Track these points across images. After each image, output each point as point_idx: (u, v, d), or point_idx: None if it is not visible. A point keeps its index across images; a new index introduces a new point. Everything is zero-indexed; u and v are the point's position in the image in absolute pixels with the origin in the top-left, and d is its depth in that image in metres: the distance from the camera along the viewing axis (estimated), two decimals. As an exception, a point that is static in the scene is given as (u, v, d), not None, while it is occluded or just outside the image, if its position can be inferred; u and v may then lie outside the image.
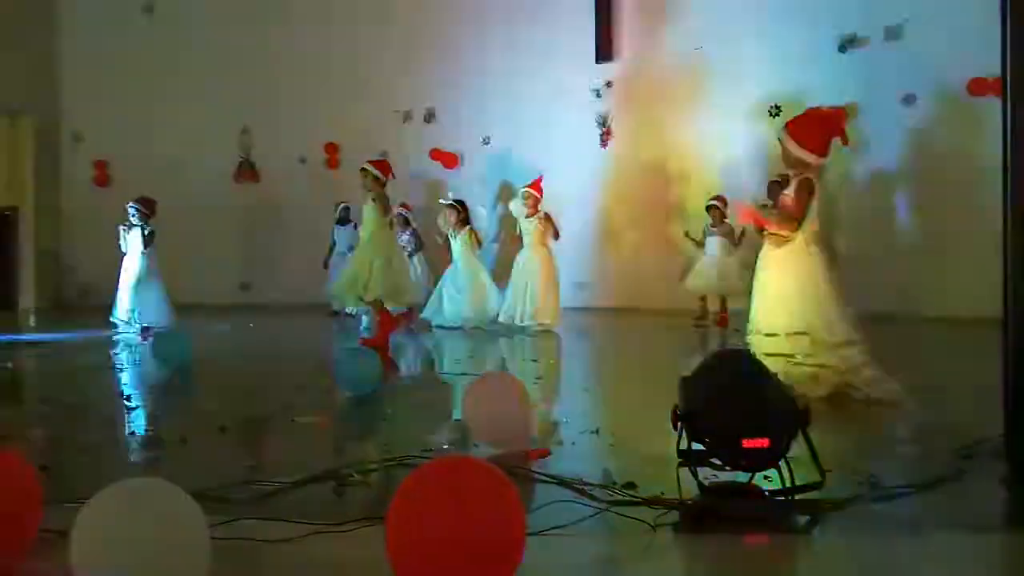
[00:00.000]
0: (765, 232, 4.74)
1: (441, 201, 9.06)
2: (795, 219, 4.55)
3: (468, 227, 8.70)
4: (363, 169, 7.04)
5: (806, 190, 4.55)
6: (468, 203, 8.99)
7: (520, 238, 8.49)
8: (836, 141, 4.71)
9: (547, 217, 8.33)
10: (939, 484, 3.05)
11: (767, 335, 4.58)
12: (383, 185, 6.94)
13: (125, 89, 11.64)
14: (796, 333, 4.48)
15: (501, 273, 9.39)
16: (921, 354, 6.84)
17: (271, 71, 11.39)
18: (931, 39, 9.01)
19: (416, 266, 9.36)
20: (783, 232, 4.58)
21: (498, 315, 8.43)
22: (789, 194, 4.63)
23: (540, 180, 8.53)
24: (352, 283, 6.88)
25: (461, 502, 1.86)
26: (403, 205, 9.45)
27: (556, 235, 8.38)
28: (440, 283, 8.81)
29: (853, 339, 4.52)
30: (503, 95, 10.72)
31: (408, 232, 9.58)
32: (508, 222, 10.35)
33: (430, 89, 11.15)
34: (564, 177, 10.20)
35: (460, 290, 8.48)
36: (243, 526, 2.55)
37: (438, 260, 9.35)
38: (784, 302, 4.55)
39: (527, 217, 8.37)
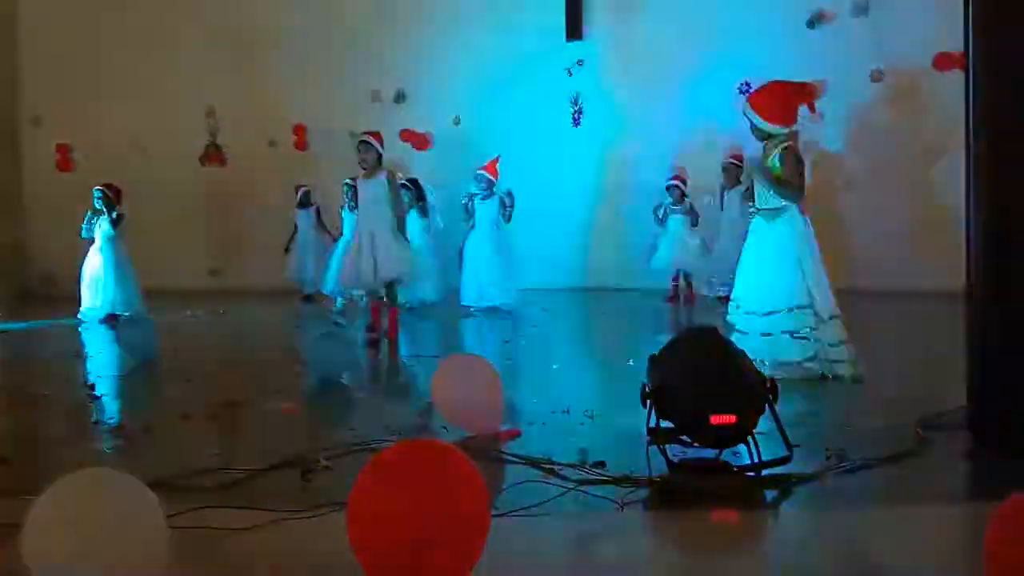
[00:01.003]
0: (754, 207, 4.64)
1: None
2: (799, 189, 4.47)
3: (420, 203, 8.59)
4: (365, 142, 6.32)
5: (793, 157, 4.45)
6: (421, 182, 8.88)
7: (472, 219, 8.36)
8: (802, 109, 4.62)
9: (501, 200, 8.28)
10: (904, 457, 3.09)
11: (765, 314, 4.44)
12: (382, 161, 6.35)
13: (85, 71, 11.34)
14: (798, 307, 4.39)
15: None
16: (888, 328, 6.92)
17: (236, 51, 11.16)
18: (898, 14, 9.04)
19: None
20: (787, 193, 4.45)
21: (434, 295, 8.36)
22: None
23: (496, 161, 8.49)
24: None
25: (422, 485, 1.84)
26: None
27: (508, 218, 8.32)
28: None
29: (838, 313, 4.48)
30: (473, 74, 10.60)
31: None
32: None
33: (400, 69, 11.00)
34: (536, 156, 10.12)
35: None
36: (207, 514, 2.51)
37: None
38: (782, 276, 4.44)
39: (482, 200, 8.32)
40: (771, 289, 4.47)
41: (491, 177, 8.32)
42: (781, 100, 4.57)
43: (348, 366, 5.09)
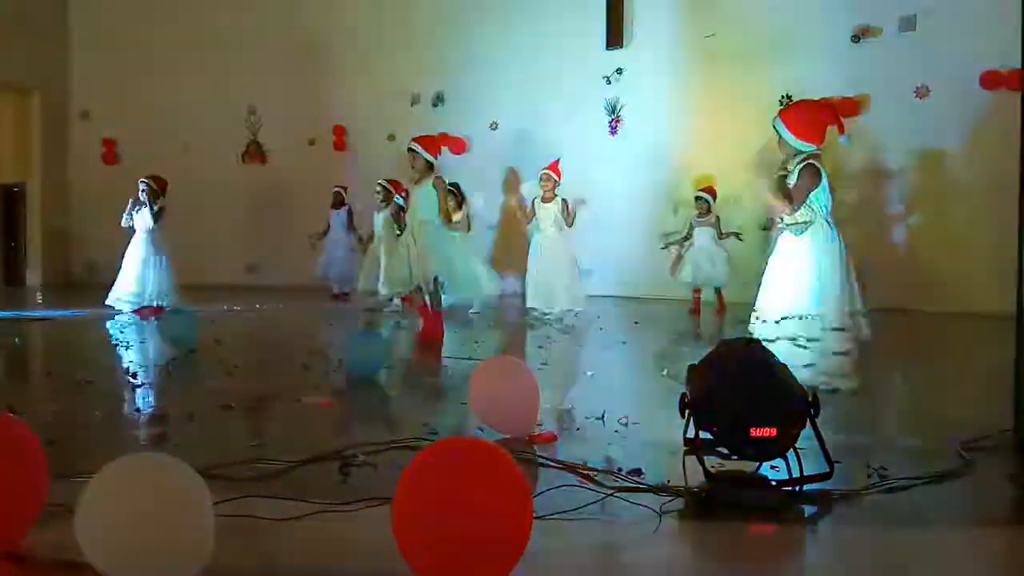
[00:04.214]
0: (783, 222, 4.68)
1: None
2: (800, 203, 4.55)
3: (462, 210, 8.58)
4: (411, 149, 6.54)
5: (807, 176, 4.53)
6: (463, 187, 8.90)
7: (535, 222, 8.35)
8: (832, 129, 4.67)
9: (564, 202, 8.25)
10: (948, 477, 3.03)
11: (766, 321, 4.55)
12: (432, 167, 6.56)
13: (133, 67, 11.62)
14: (802, 316, 4.44)
15: (500, 258, 9.37)
16: (932, 348, 6.80)
17: (279, 51, 11.35)
18: (946, 30, 8.91)
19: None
20: (787, 210, 4.56)
21: (493, 297, 8.38)
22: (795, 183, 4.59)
23: (558, 163, 8.44)
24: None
25: (468, 483, 1.85)
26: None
27: (571, 222, 8.29)
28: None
29: (847, 325, 4.50)
30: (512, 80, 10.66)
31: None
32: (509, 208, 10.36)
33: (439, 72, 11.09)
34: (572, 164, 10.13)
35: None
36: (248, 504, 2.55)
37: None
38: (793, 285, 4.53)
39: (544, 201, 8.27)
40: (780, 296, 4.57)
41: (556, 178, 8.25)
42: (810, 118, 4.66)
43: (387, 364, 5.13)
